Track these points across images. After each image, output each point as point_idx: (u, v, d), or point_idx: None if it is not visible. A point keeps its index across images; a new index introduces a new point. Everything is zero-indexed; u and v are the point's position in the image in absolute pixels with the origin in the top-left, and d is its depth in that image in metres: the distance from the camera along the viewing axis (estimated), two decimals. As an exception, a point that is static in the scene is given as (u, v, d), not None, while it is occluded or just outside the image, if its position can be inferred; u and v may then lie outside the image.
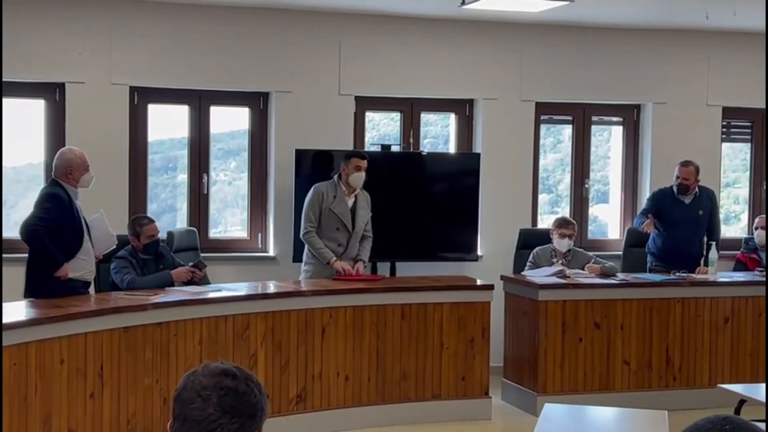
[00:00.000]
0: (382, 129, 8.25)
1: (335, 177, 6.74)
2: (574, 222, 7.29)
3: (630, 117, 8.42)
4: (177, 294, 5.83)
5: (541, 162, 8.41)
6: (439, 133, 8.37)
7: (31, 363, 4.70)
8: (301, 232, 6.69)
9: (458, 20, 7.63)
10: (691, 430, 1.68)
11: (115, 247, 6.01)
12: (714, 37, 8.25)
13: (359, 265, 6.69)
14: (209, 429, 1.81)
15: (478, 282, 6.75)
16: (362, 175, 6.66)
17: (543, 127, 8.38)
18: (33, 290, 5.53)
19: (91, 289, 5.93)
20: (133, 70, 7.13)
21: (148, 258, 6.11)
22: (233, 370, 1.87)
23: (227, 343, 5.71)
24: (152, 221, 6.23)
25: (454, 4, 6.93)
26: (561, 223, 7.13)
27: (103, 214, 5.91)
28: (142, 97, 7.27)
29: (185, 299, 5.68)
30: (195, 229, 7.16)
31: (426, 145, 8.15)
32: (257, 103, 7.57)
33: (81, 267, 5.61)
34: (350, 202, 6.72)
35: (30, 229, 5.48)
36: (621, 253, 7.88)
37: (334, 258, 6.58)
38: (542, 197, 8.47)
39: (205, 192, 7.51)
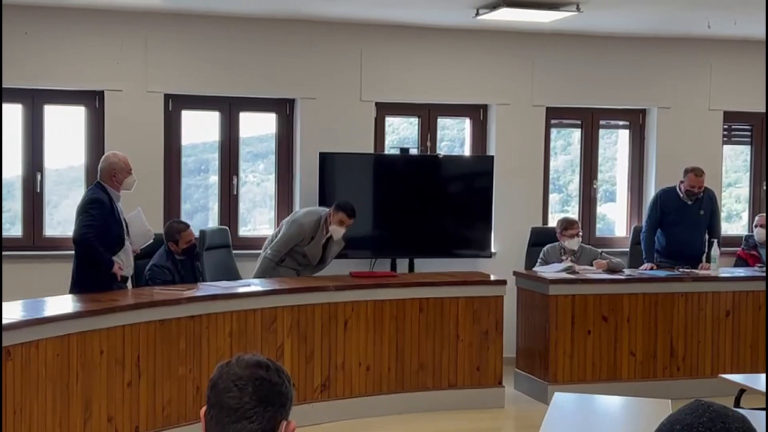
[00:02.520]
0: (402, 133, 8.24)
1: (323, 216, 6.55)
2: (576, 220, 7.29)
3: (636, 121, 8.38)
4: (209, 288, 5.87)
5: (552, 163, 8.39)
6: (455, 137, 8.36)
7: (72, 353, 4.74)
8: (269, 253, 6.51)
9: (473, 30, 7.62)
10: (672, 418, 1.65)
11: (152, 241, 6.04)
12: (715, 45, 8.20)
13: None
14: (245, 417, 1.83)
15: (492, 277, 6.74)
16: (342, 230, 6.49)
17: (553, 131, 8.35)
18: (79, 286, 5.58)
19: (129, 284, 5.97)
20: (168, 79, 7.17)
21: (183, 259, 6.15)
22: (266, 362, 1.89)
23: (255, 335, 5.73)
24: (188, 226, 6.25)
25: (468, 15, 6.93)
26: (566, 225, 7.10)
27: (140, 211, 5.94)
28: (176, 104, 7.30)
29: (217, 293, 5.70)
30: (227, 228, 7.19)
31: (443, 148, 8.14)
32: (284, 109, 7.59)
33: (121, 263, 5.65)
34: (324, 239, 6.55)
35: (83, 237, 5.53)
36: (627, 250, 7.85)
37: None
38: (553, 197, 8.45)
39: (235, 193, 7.54)
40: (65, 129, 7.25)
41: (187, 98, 7.33)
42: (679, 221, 7.26)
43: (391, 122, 8.08)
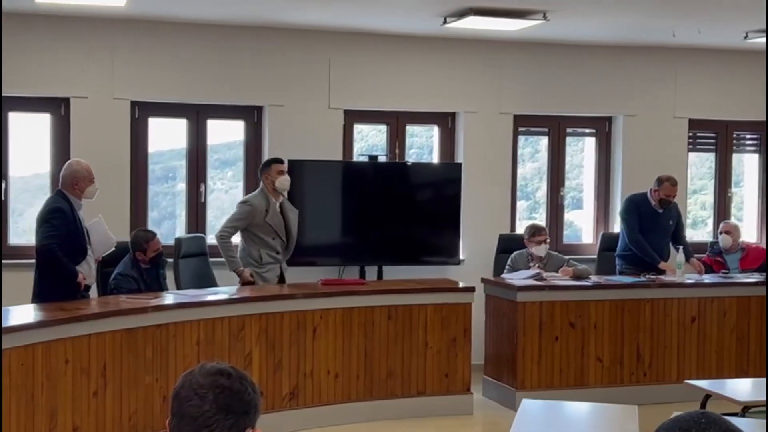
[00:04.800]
0: (371, 140, 8.26)
1: (261, 188, 6.60)
2: (544, 227, 7.35)
3: (602, 129, 8.45)
4: (176, 297, 5.83)
5: (520, 171, 8.44)
6: (424, 144, 8.39)
7: (37, 363, 4.68)
8: (217, 233, 6.51)
9: (441, 38, 7.65)
10: (668, 423, 1.69)
11: (114, 249, 6.00)
12: (680, 54, 8.30)
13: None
14: (205, 425, 1.82)
15: (460, 284, 6.76)
16: (287, 177, 6.59)
17: (521, 138, 8.41)
18: (42, 296, 5.52)
19: (93, 293, 5.92)
20: (134, 86, 7.13)
21: (148, 267, 6.11)
22: (228, 369, 1.88)
23: (223, 344, 5.70)
24: (155, 235, 6.22)
25: (436, 23, 6.97)
26: (534, 232, 7.15)
27: (101, 219, 5.90)
28: (142, 111, 7.26)
29: (184, 302, 5.67)
30: (203, 236, 7.15)
31: (411, 156, 8.16)
32: (251, 116, 7.57)
33: (84, 273, 5.61)
34: (278, 204, 6.62)
35: (45, 248, 5.48)
36: (595, 256, 7.92)
37: (242, 267, 6.46)
38: (521, 204, 8.50)
39: (203, 200, 7.51)
40: (30, 136, 7.18)
41: (154, 105, 7.29)
42: (651, 229, 7.34)
43: (360, 130, 8.09)
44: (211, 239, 7.56)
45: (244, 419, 1.86)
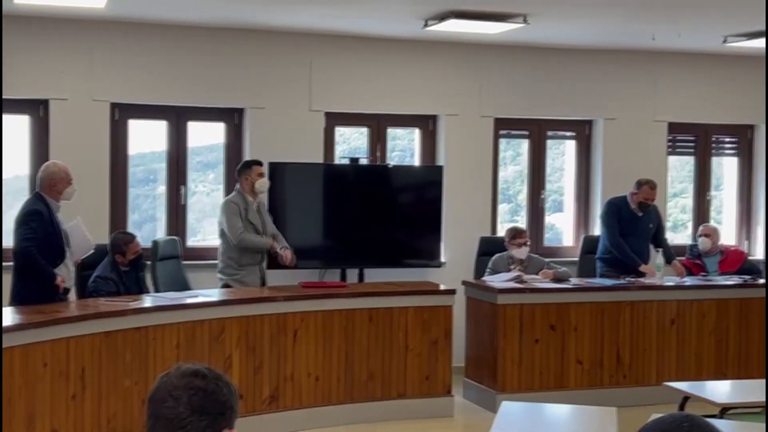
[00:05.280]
0: (353, 143, 8.26)
1: (237, 188, 6.67)
2: (524, 229, 7.38)
3: (582, 132, 8.49)
4: (156, 300, 5.81)
5: (502, 174, 8.47)
6: (406, 147, 8.40)
7: (15, 367, 4.65)
8: (235, 239, 6.52)
9: (422, 41, 7.67)
10: (651, 426, 1.69)
11: (92, 251, 5.97)
12: (660, 58, 8.35)
13: (288, 252, 6.64)
14: (180, 426, 1.82)
15: (441, 287, 6.77)
16: (267, 179, 6.70)
17: (503, 141, 8.44)
18: (19, 298, 5.49)
19: (71, 295, 5.89)
20: (114, 88, 7.10)
21: (128, 270, 6.08)
22: (203, 371, 1.88)
23: (203, 347, 5.68)
24: (135, 237, 6.19)
25: (417, 25, 6.98)
26: (514, 234, 7.19)
27: (79, 221, 5.87)
28: (122, 113, 7.23)
29: (163, 305, 5.65)
30: (177, 239, 7.14)
31: (394, 158, 8.17)
32: (232, 118, 7.56)
33: (62, 275, 5.58)
34: (256, 204, 6.69)
35: (24, 250, 5.45)
36: (576, 259, 7.96)
37: (272, 241, 6.63)
38: (503, 207, 8.52)
39: (183, 203, 7.48)
40: (10, 138, 7.12)
41: (134, 107, 7.27)
42: (631, 232, 7.38)
43: (343, 132, 8.09)
44: (192, 242, 7.56)
45: (220, 420, 1.86)
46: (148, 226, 7.66)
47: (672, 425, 1.65)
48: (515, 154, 8.71)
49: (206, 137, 7.86)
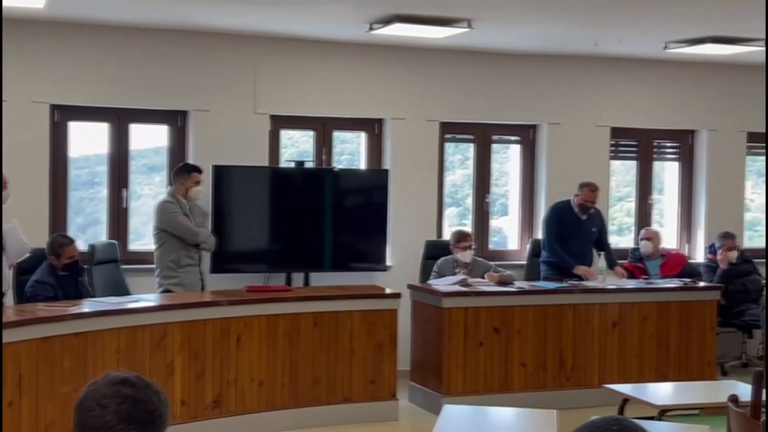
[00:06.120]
0: (302, 146, 8.22)
1: (171, 191, 6.70)
2: (469, 233, 7.42)
3: (527, 136, 8.57)
4: (95, 304, 5.72)
5: (450, 177, 8.50)
6: (354, 150, 8.39)
7: (-52, 374, 4.55)
8: (193, 238, 6.59)
9: (367, 45, 7.67)
10: (582, 429, 1.72)
11: (29, 255, 5.86)
12: (603, 63, 8.46)
13: None
14: None
15: (387, 291, 6.77)
16: (201, 188, 6.74)
17: (452, 145, 8.47)
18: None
19: (8, 300, 5.77)
20: (53, 89, 6.98)
21: (66, 275, 5.98)
22: (132, 378, 1.85)
23: (144, 352, 5.61)
24: (72, 241, 6.08)
25: (362, 29, 6.98)
26: (459, 237, 7.23)
27: (15, 223, 5.76)
28: (62, 115, 7.11)
29: (103, 310, 5.56)
30: (116, 242, 7.04)
31: (342, 162, 8.16)
32: (175, 121, 7.48)
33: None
34: (188, 206, 6.72)
35: None
36: (523, 262, 8.02)
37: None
38: (451, 210, 8.56)
39: (125, 206, 7.38)
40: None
41: (75, 109, 7.15)
42: (575, 236, 7.47)
43: (291, 136, 8.06)
44: (136, 246, 7.45)
45: (149, 429, 1.83)
46: (92, 229, 7.55)
47: (601, 428, 1.68)
48: (464, 158, 8.76)
49: (150, 140, 7.77)
